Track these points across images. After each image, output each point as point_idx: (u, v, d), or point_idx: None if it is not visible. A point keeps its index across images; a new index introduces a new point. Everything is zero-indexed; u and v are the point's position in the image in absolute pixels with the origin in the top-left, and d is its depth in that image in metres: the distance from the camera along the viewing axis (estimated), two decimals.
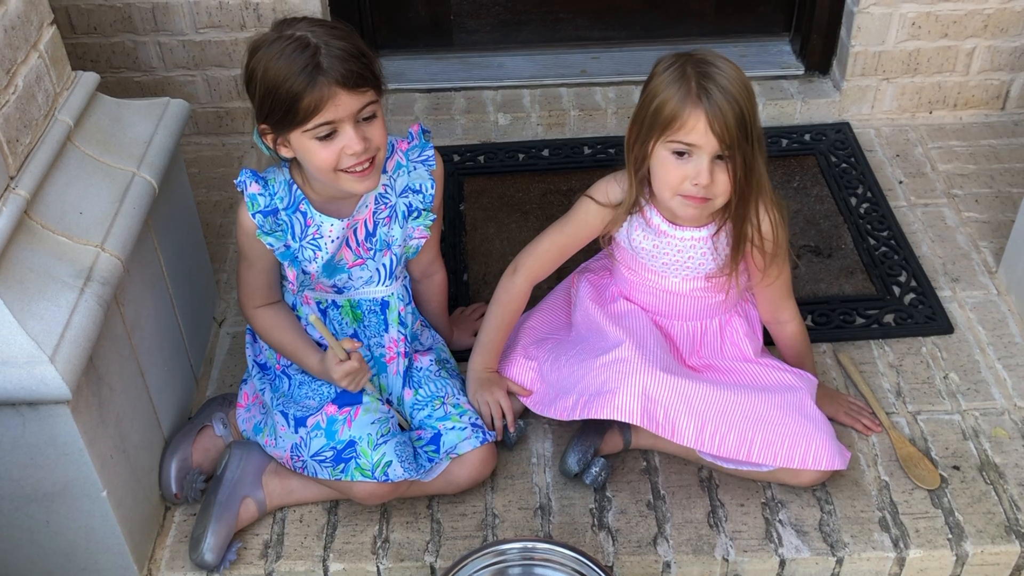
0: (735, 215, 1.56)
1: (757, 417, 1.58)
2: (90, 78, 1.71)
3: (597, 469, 1.67)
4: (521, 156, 2.43)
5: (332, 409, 1.61)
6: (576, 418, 1.60)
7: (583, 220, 1.67)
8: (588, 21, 2.60)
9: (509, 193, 2.32)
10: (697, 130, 1.46)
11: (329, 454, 1.57)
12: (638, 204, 1.61)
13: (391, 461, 1.55)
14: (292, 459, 1.61)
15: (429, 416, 1.68)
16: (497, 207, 2.28)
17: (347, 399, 1.62)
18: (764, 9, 2.60)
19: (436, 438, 1.64)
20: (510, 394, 1.74)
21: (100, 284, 1.45)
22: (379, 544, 1.62)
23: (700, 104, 1.45)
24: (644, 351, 1.61)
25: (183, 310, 1.83)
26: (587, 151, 2.44)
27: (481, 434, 1.66)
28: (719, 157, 1.48)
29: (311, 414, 1.61)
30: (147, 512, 1.62)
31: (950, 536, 1.60)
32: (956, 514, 1.63)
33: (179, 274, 1.82)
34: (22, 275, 1.39)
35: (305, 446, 1.59)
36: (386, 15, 2.57)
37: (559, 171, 2.38)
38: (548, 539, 1.53)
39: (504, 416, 1.72)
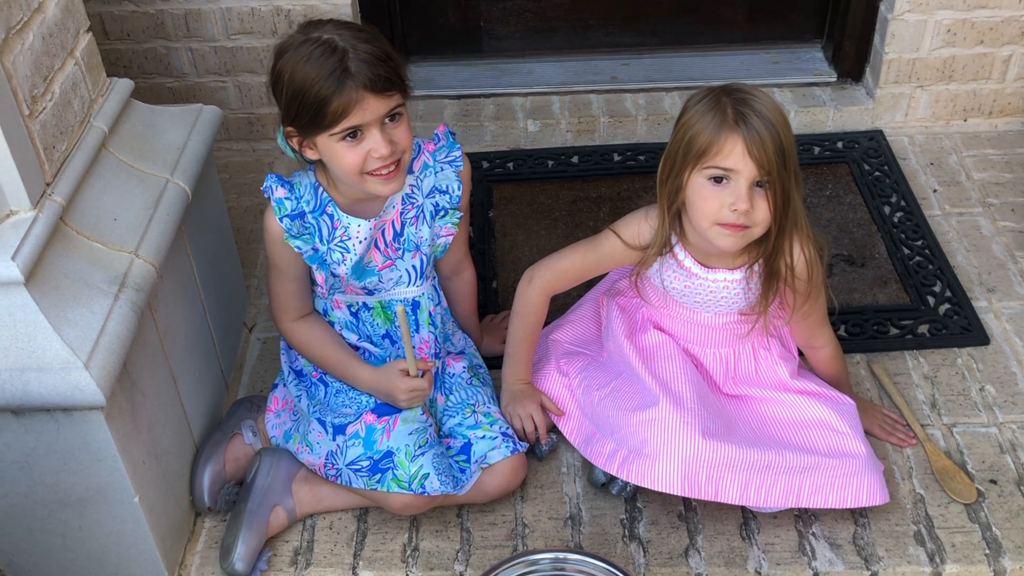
0: (768, 249, 1.53)
1: (803, 466, 1.56)
2: (124, 84, 1.72)
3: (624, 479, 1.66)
4: (551, 163, 2.42)
5: (371, 418, 1.60)
6: (613, 473, 1.59)
7: (608, 254, 1.64)
8: (618, 28, 2.59)
9: (538, 200, 2.31)
10: (735, 154, 1.43)
11: (366, 463, 1.57)
12: (668, 244, 1.58)
13: (428, 474, 1.55)
14: (326, 467, 1.61)
15: (460, 424, 1.67)
16: (526, 214, 2.28)
17: (386, 408, 1.61)
18: (796, 16, 2.57)
19: (466, 447, 1.64)
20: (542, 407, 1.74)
21: (134, 290, 1.46)
22: (409, 552, 1.62)
23: (737, 129, 1.42)
24: (681, 409, 1.57)
25: (214, 316, 1.83)
26: (617, 158, 2.43)
27: (512, 443, 1.65)
28: (758, 185, 1.45)
29: (350, 422, 1.61)
30: (178, 518, 1.63)
31: (987, 551, 1.58)
32: (993, 529, 1.61)
33: (211, 280, 1.82)
34: (57, 281, 1.40)
35: (341, 454, 1.59)
36: (416, 21, 2.57)
37: (589, 178, 2.37)
38: (579, 550, 1.52)
39: (536, 429, 1.71)
